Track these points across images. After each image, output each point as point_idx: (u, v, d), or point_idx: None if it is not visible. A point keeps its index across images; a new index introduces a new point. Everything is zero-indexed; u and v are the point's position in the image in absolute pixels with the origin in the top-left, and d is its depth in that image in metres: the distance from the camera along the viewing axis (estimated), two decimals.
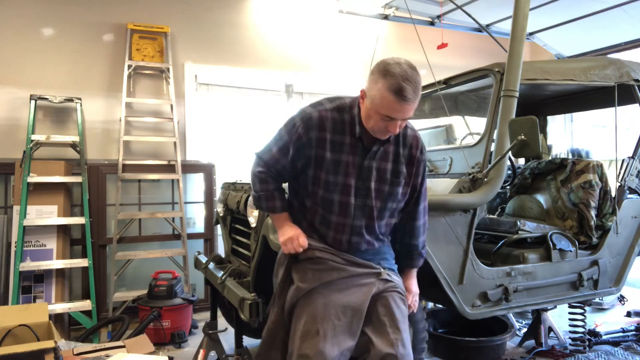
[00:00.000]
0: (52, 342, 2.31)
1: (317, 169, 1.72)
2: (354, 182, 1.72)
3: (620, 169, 3.11)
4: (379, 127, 1.64)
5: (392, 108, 1.57)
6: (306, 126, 1.71)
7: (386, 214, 1.79)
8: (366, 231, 1.76)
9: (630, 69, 3.12)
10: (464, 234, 2.51)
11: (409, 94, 1.55)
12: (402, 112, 1.58)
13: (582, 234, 3.02)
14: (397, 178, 1.77)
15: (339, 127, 1.71)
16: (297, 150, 1.73)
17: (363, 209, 1.74)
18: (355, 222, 1.74)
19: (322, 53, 4.92)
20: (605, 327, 3.64)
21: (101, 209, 4.00)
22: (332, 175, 1.71)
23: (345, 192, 1.72)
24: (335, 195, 1.72)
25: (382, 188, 1.75)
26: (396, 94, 1.54)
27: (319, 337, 1.63)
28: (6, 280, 3.57)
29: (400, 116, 1.60)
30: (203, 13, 4.50)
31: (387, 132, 1.65)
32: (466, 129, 3.56)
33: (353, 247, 1.76)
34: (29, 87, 3.87)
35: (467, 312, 2.53)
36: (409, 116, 1.62)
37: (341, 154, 1.71)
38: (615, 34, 4.91)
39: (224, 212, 3.11)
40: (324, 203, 1.74)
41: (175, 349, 3.48)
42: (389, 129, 1.63)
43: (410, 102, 1.57)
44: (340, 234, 1.75)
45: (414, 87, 1.56)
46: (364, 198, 1.73)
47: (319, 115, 1.71)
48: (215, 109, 4.67)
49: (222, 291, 2.57)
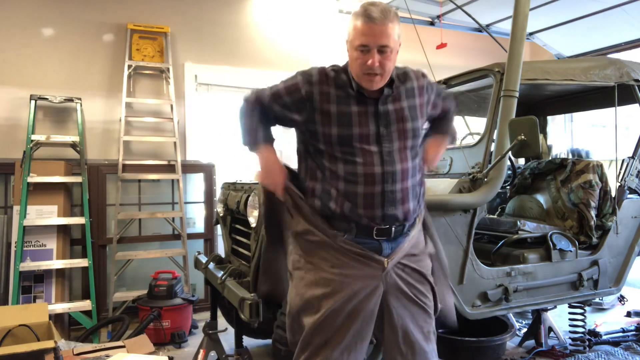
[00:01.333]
0: (52, 342, 2.31)
1: (325, 126, 1.63)
2: (374, 129, 1.63)
3: (620, 169, 3.11)
4: (359, 65, 1.57)
5: (362, 33, 1.54)
6: (306, 79, 1.65)
7: (411, 154, 1.70)
8: (399, 177, 1.64)
9: (630, 69, 3.12)
10: (464, 234, 2.51)
11: (375, 13, 1.51)
12: (372, 35, 1.53)
13: (582, 234, 3.02)
14: (415, 112, 1.70)
15: (340, 82, 1.65)
16: (294, 103, 1.66)
17: (390, 155, 1.64)
18: (387, 168, 1.62)
19: (322, 53, 4.92)
20: (605, 327, 3.64)
21: (101, 209, 4.00)
22: (345, 127, 1.62)
23: (364, 141, 1.62)
24: (356, 146, 1.62)
25: (405, 127, 1.67)
26: (362, 16, 1.53)
27: (327, 348, 1.58)
28: (6, 280, 3.57)
29: (372, 41, 1.53)
30: (203, 13, 4.50)
31: (368, 71, 1.56)
32: (466, 129, 3.56)
33: (388, 197, 1.62)
34: (29, 87, 3.87)
35: (467, 312, 2.53)
36: (383, 43, 1.54)
37: (349, 106, 1.63)
38: (615, 34, 4.91)
39: (224, 212, 3.11)
40: (344, 158, 1.63)
41: (175, 349, 3.48)
42: (368, 64, 1.54)
43: (378, 22, 1.52)
44: (370, 186, 1.61)
45: (381, 8, 1.52)
46: (389, 143, 1.64)
47: (319, 70, 1.67)
48: (215, 109, 4.67)
49: (222, 291, 2.57)
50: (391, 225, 1.64)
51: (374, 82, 1.59)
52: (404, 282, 1.67)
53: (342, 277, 1.60)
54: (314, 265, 1.65)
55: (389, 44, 1.55)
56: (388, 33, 1.54)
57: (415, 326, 1.67)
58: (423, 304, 1.69)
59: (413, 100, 1.70)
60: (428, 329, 1.70)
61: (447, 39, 4.58)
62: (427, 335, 1.69)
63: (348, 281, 1.60)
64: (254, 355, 2.94)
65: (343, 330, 1.59)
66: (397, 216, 1.64)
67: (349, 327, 1.60)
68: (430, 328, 1.71)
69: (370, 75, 1.57)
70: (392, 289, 1.65)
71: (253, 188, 2.57)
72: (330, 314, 1.59)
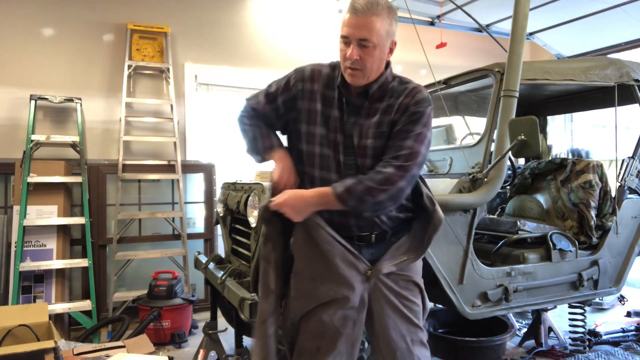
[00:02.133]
0: (52, 342, 2.31)
1: (310, 125, 1.62)
2: (342, 138, 1.59)
3: (620, 169, 3.11)
4: (342, 57, 1.54)
5: (344, 23, 1.51)
6: (298, 77, 1.66)
7: None
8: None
9: (630, 69, 3.12)
10: (464, 234, 2.51)
11: (359, 4, 1.48)
12: (354, 26, 1.48)
13: (582, 234, 3.02)
14: (386, 129, 1.56)
15: (331, 82, 1.63)
16: (285, 102, 1.66)
17: (351, 167, 1.59)
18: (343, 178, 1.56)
19: (322, 53, 4.92)
20: (605, 327, 3.64)
21: (101, 209, 4.00)
22: (322, 128, 1.60)
23: (333, 147, 1.59)
24: (324, 149, 1.60)
25: (365, 144, 1.57)
26: (349, 7, 1.50)
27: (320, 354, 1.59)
28: (6, 280, 3.57)
29: (352, 33, 1.49)
30: (203, 13, 4.50)
31: (349, 63, 1.52)
32: (466, 129, 3.56)
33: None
34: (29, 87, 3.87)
35: (467, 312, 2.53)
36: (362, 36, 1.48)
37: (331, 108, 1.61)
38: (615, 34, 4.91)
39: (224, 212, 3.11)
40: (319, 159, 1.61)
41: (175, 349, 3.48)
42: (347, 56, 1.50)
43: (360, 14, 1.47)
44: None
45: (368, 0, 1.48)
46: (352, 155, 1.58)
47: (312, 69, 1.67)
48: (215, 109, 4.67)
49: (222, 291, 2.57)
50: (370, 232, 1.63)
51: (354, 76, 1.54)
52: (388, 289, 1.63)
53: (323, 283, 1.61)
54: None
55: (370, 39, 1.48)
56: (370, 26, 1.47)
57: (397, 334, 1.61)
58: (408, 312, 1.63)
59: (386, 117, 1.57)
60: (412, 338, 1.63)
61: (447, 39, 4.58)
62: (411, 344, 1.63)
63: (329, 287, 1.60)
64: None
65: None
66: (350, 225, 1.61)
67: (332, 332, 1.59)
68: (414, 337, 1.63)
69: (350, 69, 1.53)
70: (377, 294, 1.62)
71: (253, 188, 2.57)
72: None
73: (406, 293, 1.65)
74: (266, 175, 3.00)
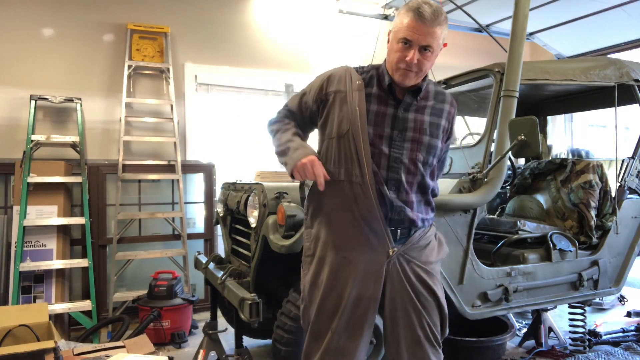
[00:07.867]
0: (52, 342, 2.31)
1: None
2: (394, 133, 1.64)
3: (620, 169, 3.11)
4: (397, 58, 1.58)
5: (408, 27, 1.54)
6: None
7: (427, 170, 1.70)
8: (404, 186, 1.65)
9: (630, 69, 3.12)
10: (464, 234, 2.51)
11: (426, 13, 1.52)
12: (419, 32, 1.54)
13: (582, 234, 3.02)
14: (437, 130, 1.70)
15: (367, 81, 1.68)
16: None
17: (398, 161, 1.64)
18: (391, 175, 1.63)
19: (322, 53, 4.92)
20: (605, 327, 3.64)
21: (101, 209, 4.00)
22: (371, 126, 1.63)
23: (385, 142, 1.63)
24: (376, 145, 1.63)
25: (420, 139, 1.66)
26: (413, 11, 1.53)
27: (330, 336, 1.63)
28: (6, 281, 3.57)
29: (416, 39, 1.54)
30: (203, 13, 4.50)
31: (405, 65, 1.57)
32: (466, 129, 3.56)
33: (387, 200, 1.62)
34: (29, 87, 3.87)
35: (467, 312, 2.53)
36: (427, 43, 1.55)
37: (370, 104, 1.65)
38: (615, 34, 4.91)
39: (224, 212, 3.11)
40: (367, 155, 1.62)
41: (175, 349, 3.48)
42: (407, 59, 1.56)
43: (428, 24, 1.53)
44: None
45: (434, 9, 1.53)
46: (400, 149, 1.64)
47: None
48: (215, 110, 4.67)
49: (222, 291, 2.57)
50: (396, 227, 1.68)
51: (408, 77, 1.61)
52: (407, 277, 1.69)
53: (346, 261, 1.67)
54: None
55: (432, 45, 1.57)
56: (435, 35, 1.56)
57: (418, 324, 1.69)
58: (423, 305, 1.71)
59: (439, 119, 1.71)
60: (431, 330, 1.71)
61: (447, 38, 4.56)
62: (429, 337, 1.71)
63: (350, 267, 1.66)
64: (254, 355, 2.94)
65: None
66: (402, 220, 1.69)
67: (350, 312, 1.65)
68: (429, 332, 1.71)
69: (405, 70, 1.59)
70: (394, 279, 1.68)
71: (253, 188, 2.58)
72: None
73: (425, 292, 1.72)
74: (266, 175, 3.00)
